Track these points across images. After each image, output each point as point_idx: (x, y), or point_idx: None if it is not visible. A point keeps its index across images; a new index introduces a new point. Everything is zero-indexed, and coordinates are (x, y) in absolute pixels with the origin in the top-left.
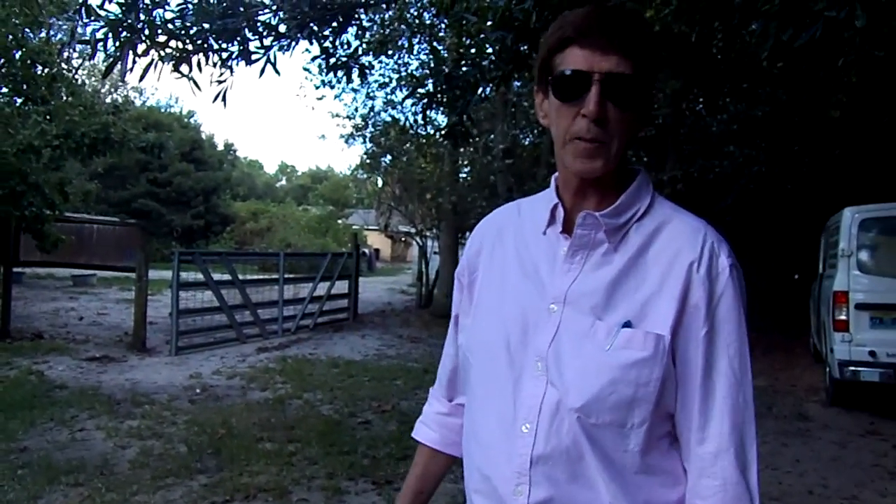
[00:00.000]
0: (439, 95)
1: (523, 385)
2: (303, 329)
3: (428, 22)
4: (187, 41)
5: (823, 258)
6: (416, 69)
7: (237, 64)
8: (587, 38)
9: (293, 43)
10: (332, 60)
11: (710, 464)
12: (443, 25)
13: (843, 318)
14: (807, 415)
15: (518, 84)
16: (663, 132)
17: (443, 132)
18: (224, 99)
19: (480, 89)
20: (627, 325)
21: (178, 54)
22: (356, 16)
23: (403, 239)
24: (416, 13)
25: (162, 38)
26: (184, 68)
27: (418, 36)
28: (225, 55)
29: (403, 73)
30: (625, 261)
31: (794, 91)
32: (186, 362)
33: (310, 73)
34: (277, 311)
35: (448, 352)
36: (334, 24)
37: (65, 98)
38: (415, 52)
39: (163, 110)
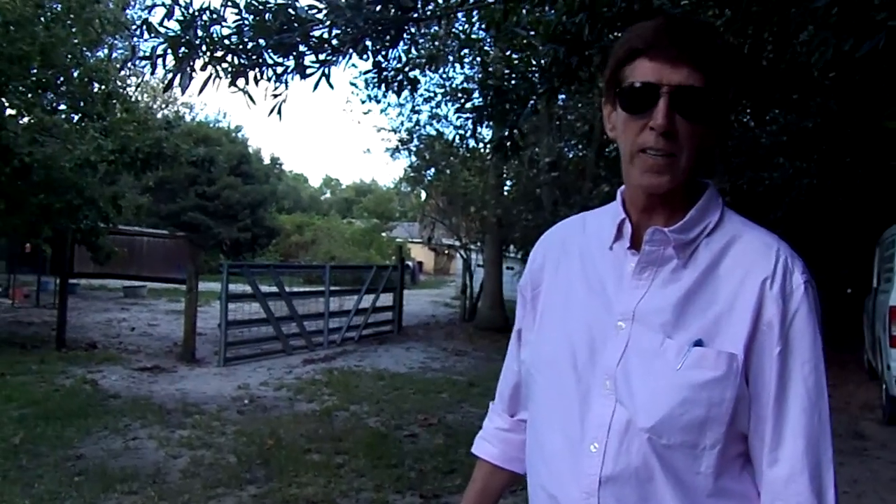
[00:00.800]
0: (489, 109)
1: (591, 403)
2: (348, 341)
3: (475, 36)
4: (244, 56)
5: (878, 272)
6: (462, 83)
7: (292, 78)
8: (656, 50)
9: (346, 58)
10: (384, 75)
11: (783, 487)
12: (490, 39)
13: None
14: (863, 433)
15: (563, 97)
16: None
17: (491, 145)
18: (280, 112)
19: (531, 102)
20: (699, 343)
21: (234, 69)
22: (408, 30)
23: (447, 252)
24: (462, 28)
25: (219, 54)
26: (240, 82)
27: (466, 50)
28: (280, 70)
29: (448, 88)
30: (695, 277)
31: (846, 101)
32: (234, 373)
33: (356, 87)
34: (323, 323)
35: (510, 366)
36: (387, 38)
37: (119, 114)
38: (463, 67)
39: (211, 125)
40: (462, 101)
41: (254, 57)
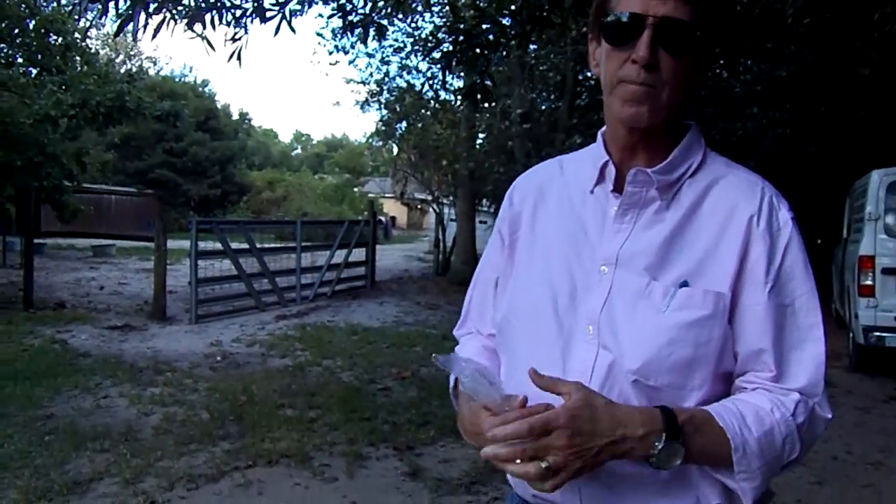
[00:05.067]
0: (459, 55)
1: (573, 350)
2: (321, 297)
3: None
4: None
5: (848, 222)
6: (431, 32)
7: (251, 22)
8: None
9: (307, 5)
10: (348, 20)
11: (806, 390)
12: None
13: (868, 283)
14: (830, 380)
15: (535, 46)
16: None
17: (462, 93)
18: (239, 58)
19: (502, 47)
20: (684, 284)
21: (190, 12)
22: None
23: (420, 206)
24: None
25: None
26: (197, 27)
27: None
28: (239, 13)
29: (417, 37)
30: (678, 218)
31: (820, 50)
32: (206, 330)
33: (323, 38)
34: (295, 279)
35: (489, 304)
36: None
37: (79, 67)
38: (432, 11)
39: (177, 80)
40: (430, 47)
41: None
